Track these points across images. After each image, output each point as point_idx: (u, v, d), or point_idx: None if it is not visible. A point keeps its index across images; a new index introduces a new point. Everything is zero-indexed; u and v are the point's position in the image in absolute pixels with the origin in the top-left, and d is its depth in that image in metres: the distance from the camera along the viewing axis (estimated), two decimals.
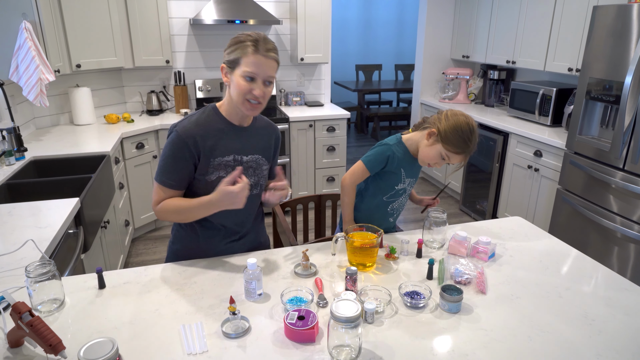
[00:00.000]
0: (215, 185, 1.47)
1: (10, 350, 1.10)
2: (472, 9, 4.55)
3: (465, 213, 4.36)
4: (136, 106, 4.23)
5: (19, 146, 2.63)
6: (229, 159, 1.51)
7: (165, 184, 1.47)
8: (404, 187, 1.80)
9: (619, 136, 2.63)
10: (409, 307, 1.30)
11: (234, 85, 1.44)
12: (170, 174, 1.46)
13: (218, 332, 1.18)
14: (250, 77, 1.41)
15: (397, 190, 1.80)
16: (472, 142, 1.61)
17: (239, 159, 1.53)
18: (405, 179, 1.78)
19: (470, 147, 1.62)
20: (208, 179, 1.49)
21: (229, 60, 1.44)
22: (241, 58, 1.40)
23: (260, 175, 1.61)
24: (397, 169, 1.74)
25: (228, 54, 1.44)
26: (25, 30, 2.71)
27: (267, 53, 1.41)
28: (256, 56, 1.40)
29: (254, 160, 1.57)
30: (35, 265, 1.24)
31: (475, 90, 4.80)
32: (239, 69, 1.41)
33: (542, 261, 1.58)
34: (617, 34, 2.62)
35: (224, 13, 3.86)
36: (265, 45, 1.41)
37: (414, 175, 1.82)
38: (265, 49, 1.41)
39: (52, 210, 1.91)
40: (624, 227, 2.65)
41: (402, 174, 1.76)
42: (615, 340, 1.17)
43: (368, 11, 7.83)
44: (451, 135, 1.60)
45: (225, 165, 1.50)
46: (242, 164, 1.54)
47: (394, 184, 1.77)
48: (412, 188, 1.88)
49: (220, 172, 1.50)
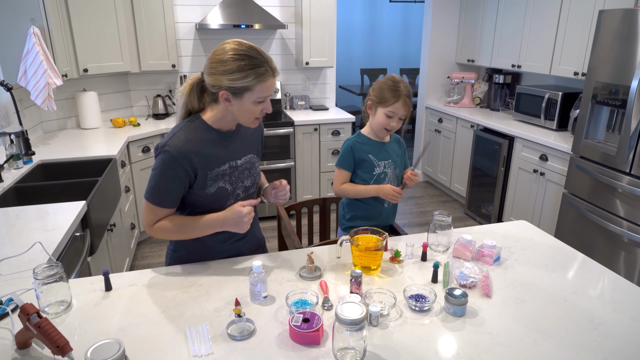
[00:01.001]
0: (216, 197, 1.47)
1: (19, 352, 1.11)
2: (478, 12, 4.55)
3: (471, 217, 4.34)
4: (142, 110, 4.26)
5: (26, 150, 2.65)
6: (225, 168, 1.49)
7: (159, 204, 1.42)
8: (383, 170, 1.91)
9: (625, 140, 2.62)
10: (414, 310, 1.30)
11: (244, 110, 1.39)
12: (165, 194, 1.41)
13: (223, 334, 1.18)
14: (263, 100, 1.39)
15: (378, 175, 1.91)
16: (401, 86, 1.78)
17: (234, 164, 1.51)
18: (378, 162, 1.91)
19: (401, 90, 1.78)
20: (208, 192, 1.46)
21: (237, 87, 1.34)
22: (255, 85, 1.34)
23: (255, 174, 1.61)
24: (365, 155, 1.90)
25: (234, 80, 1.32)
26: (33, 35, 2.74)
27: (276, 74, 1.39)
28: (271, 80, 1.37)
29: (247, 161, 1.57)
30: (43, 267, 1.25)
31: (480, 94, 4.79)
32: (250, 95, 1.35)
33: (548, 265, 1.57)
34: (623, 38, 2.61)
35: (230, 18, 3.89)
36: (272, 66, 1.37)
37: (388, 157, 1.93)
38: (275, 68, 1.38)
39: (59, 213, 1.93)
40: (631, 232, 2.64)
41: (372, 159, 1.90)
42: (621, 345, 1.17)
43: (373, 15, 7.85)
44: (379, 93, 1.80)
45: (222, 174, 1.48)
46: (238, 168, 1.52)
47: (370, 170, 1.91)
48: (398, 171, 1.96)
49: (219, 182, 1.48)
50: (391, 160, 1.94)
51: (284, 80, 4.60)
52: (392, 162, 1.94)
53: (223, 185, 1.48)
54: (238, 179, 1.53)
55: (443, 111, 4.73)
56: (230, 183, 1.51)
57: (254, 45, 1.37)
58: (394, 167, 1.94)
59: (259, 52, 1.35)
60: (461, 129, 4.47)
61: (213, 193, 1.47)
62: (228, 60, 1.33)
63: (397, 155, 1.97)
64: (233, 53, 1.33)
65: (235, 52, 1.33)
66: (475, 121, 4.19)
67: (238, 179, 1.53)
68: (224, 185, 1.49)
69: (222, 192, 1.49)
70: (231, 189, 1.51)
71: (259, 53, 1.35)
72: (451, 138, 4.65)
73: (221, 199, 1.49)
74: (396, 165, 1.96)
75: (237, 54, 1.33)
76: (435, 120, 4.93)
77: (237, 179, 1.53)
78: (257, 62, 1.33)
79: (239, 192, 1.55)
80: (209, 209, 1.48)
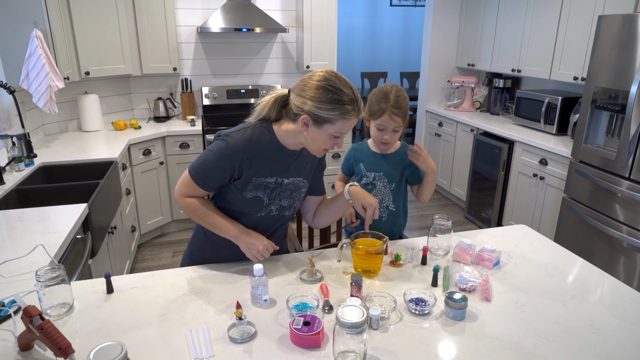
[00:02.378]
0: (249, 204, 1.49)
1: (21, 354, 1.12)
2: (478, 17, 4.57)
3: (471, 221, 4.35)
4: (143, 113, 4.27)
5: (28, 152, 2.66)
6: (270, 181, 1.49)
7: (198, 183, 1.45)
8: (371, 181, 1.89)
9: (624, 145, 2.63)
10: (414, 314, 1.31)
11: (318, 140, 1.39)
12: (206, 176, 1.44)
13: (224, 337, 1.19)
14: (339, 135, 1.39)
15: (364, 186, 1.90)
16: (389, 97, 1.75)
17: (280, 181, 1.51)
18: (367, 172, 1.90)
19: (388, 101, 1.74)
20: (245, 196, 1.48)
21: (320, 116, 1.34)
22: (338, 120, 1.34)
23: (296, 197, 1.58)
24: (357, 163, 1.92)
25: (320, 109, 1.33)
26: (36, 38, 2.76)
27: (361, 114, 1.39)
28: (355, 120, 1.37)
29: (294, 183, 1.54)
30: (45, 269, 1.26)
31: (480, 99, 4.81)
32: (330, 127, 1.35)
33: (547, 270, 1.58)
34: (623, 44, 2.63)
35: (231, 21, 3.91)
36: (362, 104, 1.38)
37: (380, 170, 1.89)
38: (362, 108, 1.38)
39: (60, 216, 1.94)
40: (630, 237, 2.65)
41: (362, 168, 1.91)
42: (620, 350, 1.17)
43: (374, 19, 7.88)
44: (369, 104, 1.79)
45: (265, 186, 1.48)
46: (282, 186, 1.52)
47: (359, 179, 1.94)
48: (394, 185, 1.90)
49: (259, 191, 1.48)
50: (383, 173, 1.88)
51: (285, 84, 4.62)
52: (385, 175, 1.88)
53: (261, 196, 1.49)
54: (278, 196, 1.53)
55: (443, 115, 4.74)
56: (269, 197, 1.51)
57: (348, 81, 1.37)
58: (386, 180, 1.88)
59: (353, 91, 1.35)
60: (461, 132, 4.48)
61: (248, 199, 1.48)
62: (321, 88, 1.33)
63: (396, 169, 1.89)
64: (329, 84, 1.33)
65: (330, 83, 1.33)
66: (475, 125, 4.21)
67: (278, 196, 1.53)
68: (262, 196, 1.49)
69: (256, 202, 1.50)
70: (267, 202, 1.51)
71: (353, 92, 1.35)
72: (451, 142, 4.67)
73: (254, 207, 1.51)
74: (390, 179, 1.89)
75: (332, 86, 1.33)
76: (435, 124, 4.94)
77: (276, 196, 1.52)
78: (348, 99, 1.33)
79: (273, 209, 1.55)
80: (239, 212, 1.52)
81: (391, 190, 1.90)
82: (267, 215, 1.55)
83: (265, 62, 4.51)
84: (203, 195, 1.51)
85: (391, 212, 1.92)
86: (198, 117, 4.31)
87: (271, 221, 1.58)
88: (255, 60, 4.47)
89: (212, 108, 4.32)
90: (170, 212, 3.96)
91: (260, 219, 1.55)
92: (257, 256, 1.49)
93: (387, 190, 1.90)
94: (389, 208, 1.92)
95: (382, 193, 1.90)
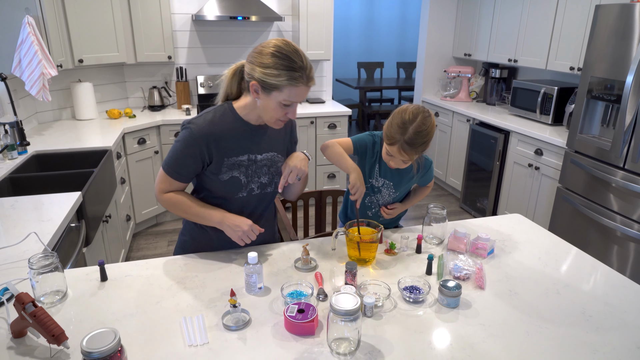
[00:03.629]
0: (228, 186, 1.49)
1: (14, 341, 1.11)
2: (475, 7, 4.55)
3: (466, 211, 4.36)
4: (138, 102, 4.24)
5: (21, 140, 2.64)
6: (242, 159, 1.49)
7: (173, 176, 1.47)
8: (378, 185, 1.79)
9: (619, 135, 2.63)
10: (408, 302, 1.31)
11: (269, 108, 1.39)
12: (179, 167, 1.46)
13: (219, 325, 1.19)
14: (290, 104, 1.38)
15: (372, 185, 1.79)
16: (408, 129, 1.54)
17: (254, 158, 1.51)
18: (379, 177, 1.78)
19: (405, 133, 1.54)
20: (221, 179, 1.48)
21: (268, 82, 1.33)
22: (285, 87, 1.33)
23: (274, 172, 1.58)
24: (375, 161, 1.76)
25: (267, 75, 1.32)
26: (28, 24, 2.72)
27: (310, 83, 1.36)
28: (303, 88, 1.35)
29: (268, 158, 1.55)
30: (38, 257, 1.25)
31: (476, 89, 4.80)
32: (279, 94, 1.35)
33: (541, 258, 1.59)
34: (620, 34, 2.62)
35: (227, 9, 3.87)
36: (307, 74, 1.34)
37: (391, 179, 1.77)
38: (309, 77, 1.35)
39: (54, 204, 1.93)
40: (624, 226, 2.66)
41: (376, 170, 1.77)
42: (612, 337, 1.18)
43: (370, 9, 7.82)
44: (387, 126, 1.59)
45: (239, 165, 1.49)
46: (256, 162, 1.52)
47: (369, 176, 1.78)
48: (392, 193, 1.80)
49: (234, 171, 1.49)
50: (394, 183, 1.78)
51: None
52: (394, 186, 1.79)
53: (237, 175, 1.49)
54: (255, 173, 1.53)
55: (439, 105, 4.73)
56: (246, 175, 1.51)
57: (299, 50, 1.36)
58: (393, 190, 1.80)
59: (301, 58, 1.34)
60: (457, 123, 4.48)
61: (225, 181, 1.49)
62: (269, 54, 1.33)
63: (405, 179, 1.79)
64: (275, 49, 1.33)
65: (278, 49, 1.33)
66: (471, 115, 4.20)
67: (255, 173, 1.53)
68: (238, 175, 1.50)
69: (235, 182, 1.50)
70: (245, 181, 1.51)
71: (301, 59, 1.34)
72: (447, 132, 4.66)
73: (233, 188, 1.51)
74: (397, 188, 1.80)
75: (279, 52, 1.32)
76: None
77: (253, 173, 1.52)
78: (295, 66, 1.32)
79: (254, 187, 1.54)
80: (221, 196, 1.52)
81: (394, 198, 1.83)
82: (249, 196, 1.54)
83: None
84: (182, 188, 1.52)
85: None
86: (193, 106, 4.28)
87: (255, 201, 1.58)
88: (250, 49, 4.43)
89: (207, 97, 4.29)
90: None
91: (244, 200, 1.55)
92: (242, 238, 1.47)
93: (390, 198, 1.83)
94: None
95: (385, 198, 1.82)
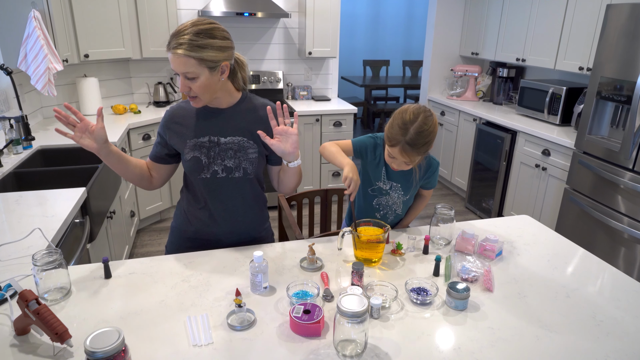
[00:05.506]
0: (190, 166, 1.55)
1: (17, 338, 1.10)
2: (483, 5, 4.51)
3: (471, 211, 4.34)
4: (143, 97, 4.23)
5: (26, 135, 2.63)
6: (204, 140, 1.53)
7: (150, 157, 1.62)
8: (386, 188, 1.76)
9: (629, 137, 2.60)
10: (416, 304, 1.30)
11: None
12: (153, 147, 1.62)
13: (224, 324, 1.17)
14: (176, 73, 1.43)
15: (380, 189, 1.77)
16: (409, 129, 1.51)
17: (215, 140, 1.54)
18: (387, 180, 1.75)
19: (405, 134, 1.51)
20: (185, 159, 1.55)
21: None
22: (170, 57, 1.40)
23: (243, 158, 1.55)
24: (379, 163, 1.74)
25: None
26: (34, 19, 2.71)
27: (174, 50, 1.35)
28: (171, 55, 1.37)
29: (234, 142, 1.54)
30: (42, 253, 1.24)
31: (483, 88, 4.76)
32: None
33: (550, 260, 1.57)
34: (631, 34, 2.59)
35: (233, 5, 3.85)
36: (175, 40, 1.35)
37: (400, 182, 1.75)
38: (175, 44, 1.34)
39: (58, 200, 1.92)
40: (632, 228, 2.63)
41: (383, 173, 1.74)
42: (623, 342, 1.16)
43: (377, 6, 7.78)
44: (389, 127, 1.58)
45: (200, 146, 1.53)
46: (220, 145, 1.54)
47: (375, 179, 1.76)
48: (401, 196, 1.78)
49: (195, 152, 1.53)
50: (401, 186, 1.75)
51: (286, 70, 4.57)
52: (402, 188, 1.76)
53: (198, 155, 1.54)
54: (217, 156, 1.54)
55: (446, 104, 4.70)
56: (207, 157, 1.54)
57: (190, 21, 1.39)
58: (402, 193, 1.77)
59: (179, 26, 1.39)
60: (463, 122, 4.44)
61: (188, 161, 1.54)
62: None
63: (412, 181, 1.75)
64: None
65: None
66: (477, 115, 4.17)
67: (217, 156, 1.54)
68: (199, 156, 1.54)
69: (196, 162, 1.54)
70: (206, 161, 1.54)
71: (178, 27, 1.38)
72: (453, 131, 4.63)
73: (196, 168, 1.54)
74: (407, 191, 1.77)
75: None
76: (437, 113, 4.90)
77: (216, 155, 1.54)
78: (172, 34, 1.38)
79: (217, 169, 1.55)
80: (189, 177, 1.61)
81: (404, 200, 1.81)
82: (213, 178, 1.55)
83: (266, 48, 4.45)
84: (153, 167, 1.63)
85: (397, 215, 1.86)
86: None
87: (222, 184, 1.56)
88: (256, 46, 4.42)
89: None
90: (169, 198, 3.94)
91: (209, 181, 1.55)
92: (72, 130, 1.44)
93: (400, 200, 1.80)
94: (397, 212, 1.84)
95: (394, 200, 1.80)
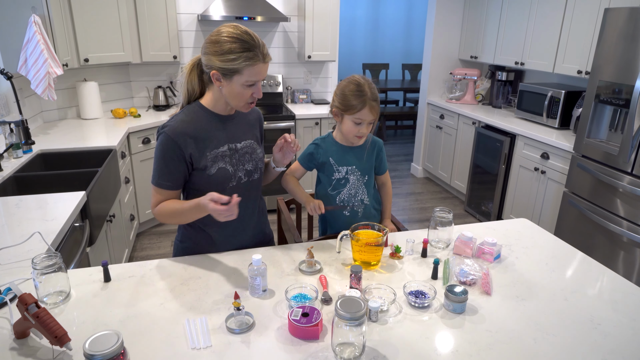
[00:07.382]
0: (217, 178, 1.49)
1: (17, 341, 1.11)
2: (482, 9, 4.52)
3: (470, 214, 4.34)
4: (143, 101, 4.24)
5: (26, 139, 2.64)
6: (224, 150, 1.52)
7: (162, 186, 1.46)
8: (344, 176, 1.82)
9: (628, 140, 2.61)
10: (414, 307, 1.30)
11: (234, 93, 1.42)
12: (165, 175, 1.45)
13: (222, 328, 1.18)
14: (253, 84, 1.41)
15: (337, 180, 1.83)
16: (365, 90, 1.65)
17: (234, 147, 1.54)
18: (339, 167, 1.81)
19: (366, 95, 1.65)
20: (209, 173, 1.49)
21: (227, 68, 1.37)
22: (244, 69, 1.36)
23: (257, 159, 1.61)
24: (326, 157, 1.82)
25: (225, 61, 1.36)
26: (34, 23, 2.72)
27: (268, 59, 1.41)
28: (261, 65, 1.38)
29: (248, 145, 1.58)
30: (41, 257, 1.24)
31: (482, 91, 4.78)
32: (239, 77, 1.38)
33: (549, 264, 1.57)
34: (629, 37, 2.60)
35: (232, 9, 3.87)
36: (264, 50, 1.39)
37: (353, 163, 1.81)
38: (266, 54, 1.40)
39: (58, 203, 1.92)
40: (630, 232, 2.64)
41: (333, 163, 1.81)
42: (621, 345, 1.16)
43: (376, 10, 7.81)
44: (343, 99, 1.68)
45: (222, 155, 1.51)
46: (238, 151, 1.54)
47: (330, 174, 1.83)
48: (367, 178, 1.84)
49: (220, 163, 1.50)
50: (355, 166, 1.82)
51: (286, 73, 4.58)
52: (357, 169, 1.82)
53: (224, 166, 1.51)
54: (239, 162, 1.55)
55: (445, 107, 4.71)
56: (232, 165, 1.53)
57: (249, 31, 1.40)
58: (359, 174, 1.82)
59: (252, 37, 1.38)
60: (462, 125, 4.45)
61: (214, 174, 1.49)
62: (221, 41, 1.37)
63: (366, 161, 1.84)
64: (227, 35, 1.37)
65: (229, 34, 1.37)
66: (477, 118, 4.18)
67: (239, 162, 1.55)
68: (225, 166, 1.51)
69: (223, 173, 1.51)
70: (232, 170, 1.53)
71: (252, 38, 1.38)
72: (452, 135, 4.64)
73: (224, 179, 1.51)
74: (363, 172, 1.83)
75: (231, 37, 1.36)
76: (436, 116, 4.91)
77: (238, 162, 1.55)
78: (248, 46, 1.36)
79: (241, 175, 1.56)
80: (214, 189, 1.44)
81: (364, 182, 1.84)
82: (239, 184, 1.56)
83: None
84: (176, 196, 1.50)
85: (366, 205, 1.86)
86: None
87: (244, 190, 1.57)
88: None
89: None
90: None
91: (235, 189, 1.54)
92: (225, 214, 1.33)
93: (361, 184, 1.83)
94: (364, 202, 1.86)
95: (355, 187, 1.83)
